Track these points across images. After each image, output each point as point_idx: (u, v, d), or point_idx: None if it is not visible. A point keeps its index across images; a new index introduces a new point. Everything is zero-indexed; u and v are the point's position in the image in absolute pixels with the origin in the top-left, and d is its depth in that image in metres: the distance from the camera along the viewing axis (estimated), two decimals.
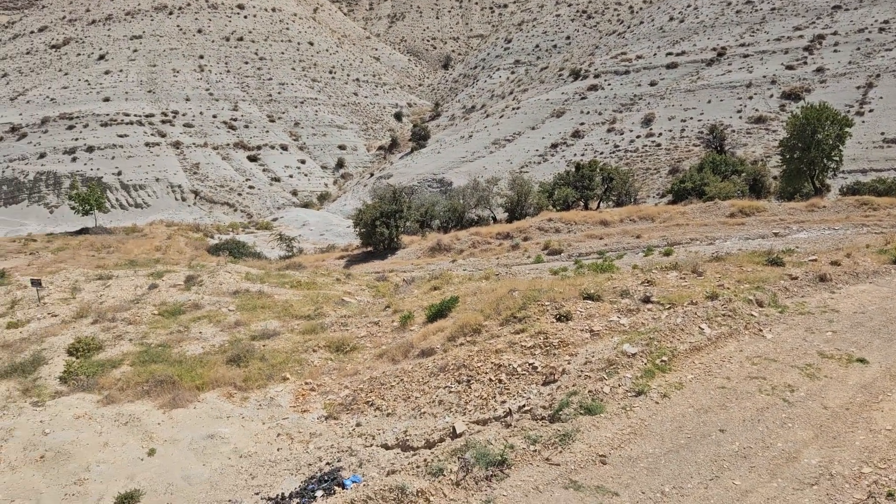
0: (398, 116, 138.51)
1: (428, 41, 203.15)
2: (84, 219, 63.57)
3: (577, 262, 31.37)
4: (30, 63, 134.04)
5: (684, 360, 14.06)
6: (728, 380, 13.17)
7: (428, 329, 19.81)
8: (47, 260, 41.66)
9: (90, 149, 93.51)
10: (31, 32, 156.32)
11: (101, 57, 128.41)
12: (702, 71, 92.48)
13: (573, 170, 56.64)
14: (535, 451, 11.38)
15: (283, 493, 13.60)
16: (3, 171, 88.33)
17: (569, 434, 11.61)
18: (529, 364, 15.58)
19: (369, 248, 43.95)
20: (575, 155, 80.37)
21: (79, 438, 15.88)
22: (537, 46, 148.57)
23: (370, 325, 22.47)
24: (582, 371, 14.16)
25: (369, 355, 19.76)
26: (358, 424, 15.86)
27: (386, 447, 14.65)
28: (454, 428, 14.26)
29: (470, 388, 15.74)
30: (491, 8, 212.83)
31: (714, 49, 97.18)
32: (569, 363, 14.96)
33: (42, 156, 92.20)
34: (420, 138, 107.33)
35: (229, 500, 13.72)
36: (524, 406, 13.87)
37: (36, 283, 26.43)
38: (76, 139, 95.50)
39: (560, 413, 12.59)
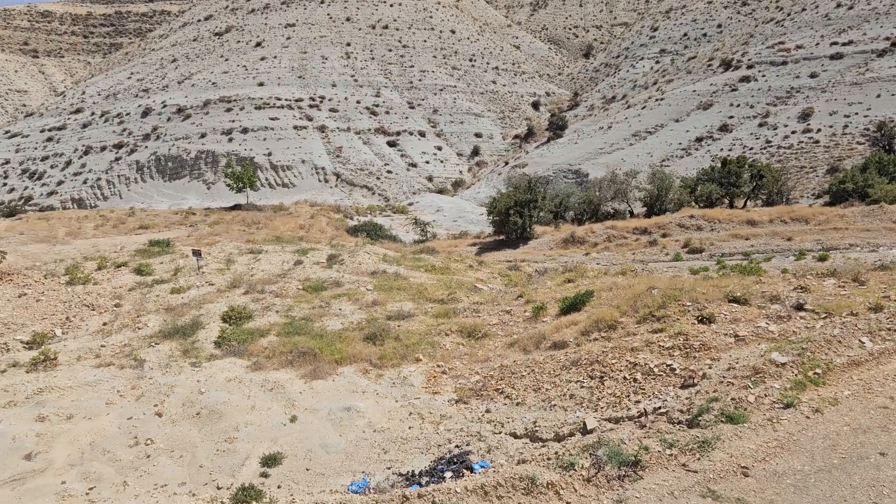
0: (535, 105, 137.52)
1: (570, 29, 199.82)
2: (237, 196, 68.06)
3: (719, 262, 29.91)
4: (196, 49, 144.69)
5: (840, 375, 13.08)
6: (892, 399, 12.12)
7: (561, 321, 19.63)
8: (204, 232, 44.97)
9: (245, 130, 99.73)
10: (198, 21, 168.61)
11: (258, 44, 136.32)
12: (871, 62, 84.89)
13: (719, 165, 53.88)
14: (671, 455, 11.03)
15: (413, 471, 13.99)
16: (170, 149, 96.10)
17: (708, 441, 11.15)
18: (667, 365, 15.08)
19: (501, 237, 44.07)
20: (721, 150, 76.38)
21: (230, 400, 17.10)
22: (685, 35, 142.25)
23: (502, 313, 22.58)
24: (724, 377, 13.53)
25: (500, 343, 19.87)
26: (487, 411, 16.02)
27: (514, 436, 14.71)
28: (585, 423, 14.08)
29: (603, 384, 15.47)
30: None
31: (887, 38, 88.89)
32: (710, 368, 14.34)
33: (203, 136, 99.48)
34: (557, 128, 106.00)
35: (363, 472, 14.30)
36: (660, 408, 13.45)
37: (196, 254, 28.65)
38: (233, 121, 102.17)
39: (699, 419, 12.11)
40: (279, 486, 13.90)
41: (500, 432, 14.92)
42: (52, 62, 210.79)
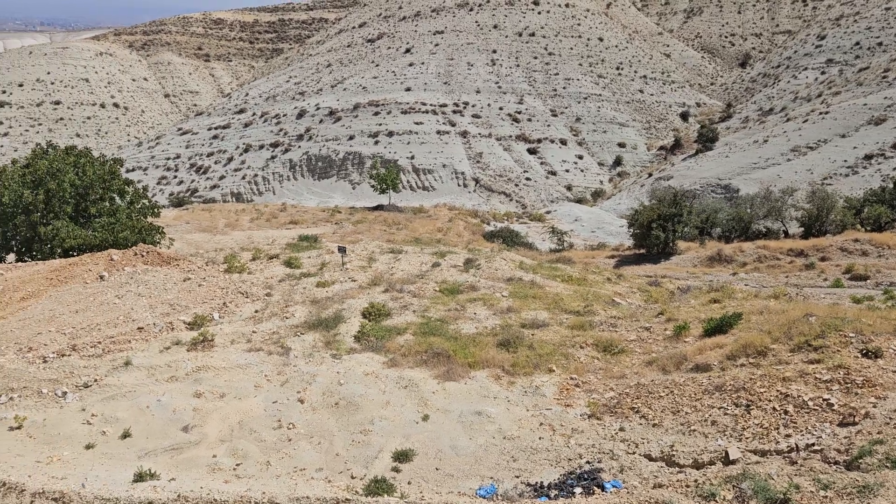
0: (684, 116, 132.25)
1: (725, 37, 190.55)
2: (380, 196, 70.50)
3: (886, 292, 27.35)
4: (349, 55, 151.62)
5: None
6: None
7: (704, 343, 18.72)
8: (348, 230, 46.98)
9: (390, 133, 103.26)
10: (353, 28, 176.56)
11: (408, 50, 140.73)
12: None
13: (891, 186, 49.32)
14: (825, 497, 10.19)
15: (542, 482, 13.83)
16: (320, 150, 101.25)
17: (870, 487, 10.19)
18: (823, 399, 13.96)
19: (641, 251, 42.73)
20: (894, 169, 69.93)
21: (366, 393, 17.69)
22: (857, 44, 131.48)
23: (641, 329, 21.86)
24: (891, 418, 12.34)
25: (638, 360, 19.24)
26: (621, 429, 15.55)
27: (649, 458, 14.18)
28: (727, 453, 13.35)
29: (749, 413, 14.57)
30: (804, 1, 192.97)
31: None
32: (874, 407, 13.13)
33: (351, 138, 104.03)
34: (706, 140, 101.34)
35: (491, 478, 14.32)
36: (813, 445, 12.49)
37: (341, 250, 29.94)
38: (380, 124, 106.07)
39: (860, 461, 11.12)
40: (409, 483, 14.20)
41: (633, 452, 14.44)
42: (221, 66, 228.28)
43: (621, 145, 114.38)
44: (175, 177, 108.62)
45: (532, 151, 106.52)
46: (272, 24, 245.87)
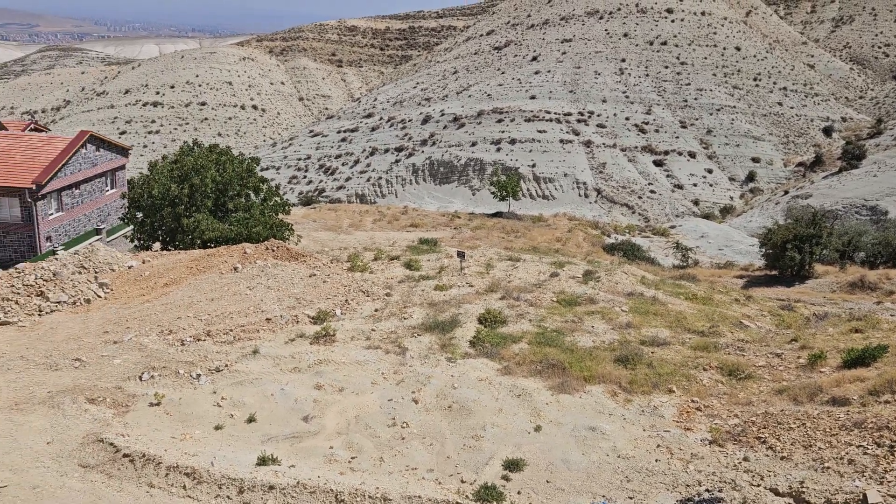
0: (827, 131, 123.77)
1: (878, 48, 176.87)
2: (499, 203, 70.61)
3: None
4: (476, 62, 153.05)
5: None
6: None
7: (843, 375, 17.40)
8: (467, 235, 47.33)
9: (513, 141, 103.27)
10: (480, 35, 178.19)
11: (534, 58, 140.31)
12: None
13: None
14: None
15: None
16: (443, 155, 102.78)
17: None
18: None
19: (773, 272, 40.29)
20: None
21: (479, 399, 17.72)
22: None
23: (770, 355, 20.61)
24: None
25: (766, 388, 18.16)
26: (745, 458, 14.72)
27: (776, 492, 13.34)
28: (865, 496, 12.34)
29: (892, 455, 13.41)
30: None
31: None
32: None
33: (473, 144, 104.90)
34: (852, 157, 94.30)
35: (603, 496, 13.95)
36: None
37: (460, 255, 30.22)
38: (502, 132, 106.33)
39: None
40: (519, 492, 14.09)
41: (758, 485, 13.62)
42: (353, 71, 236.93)
43: (755, 160, 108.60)
44: (305, 176, 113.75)
45: (658, 163, 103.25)
46: (402, 31, 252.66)
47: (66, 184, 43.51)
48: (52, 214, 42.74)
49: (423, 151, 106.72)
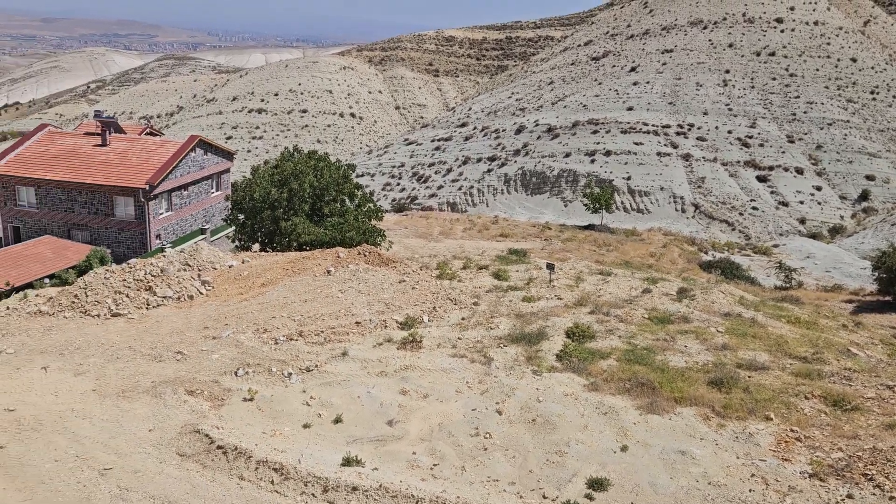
0: None
1: None
2: (591, 216, 69.48)
3: None
4: (572, 73, 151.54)
5: None
6: None
7: None
8: (557, 247, 46.79)
9: (607, 153, 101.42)
10: (578, 46, 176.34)
11: (633, 69, 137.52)
12: None
13: None
14: None
15: None
16: (535, 165, 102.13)
17: None
18: None
19: (887, 298, 37.72)
20: None
21: (564, 414, 17.43)
22: None
23: (881, 387, 19.28)
24: None
25: (876, 422, 16.99)
26: (849, 496, 13.82)
27: None
28: None
29: None
30: None
31: None
32: None
33: (567, 155, 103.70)
34: None
35: None
36: None
37: (550, 267, 29.91)
38: (597, 143, 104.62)
39: None
40: None
41: None
42: (449, 80, 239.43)
43: (869, 178, 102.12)
44: (398, 184, 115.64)
45: (762, 179, 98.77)
46: (499, 41, 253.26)
47: (176, 185, 45.97)
48: (162, 214, 45.25)
49: (515, 161, 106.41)
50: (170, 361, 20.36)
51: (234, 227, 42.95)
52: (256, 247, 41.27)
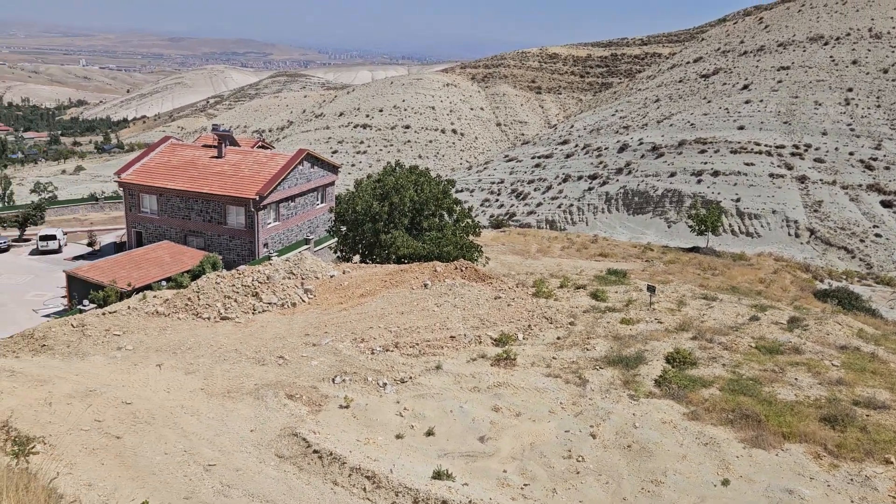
0: None
1: None
2: (696, 238, 67.03)
3: None
4: (679, 90, 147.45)
5: None
6: None
7: None
8: (659, 269, 45.40)
9: (715, 173, 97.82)
10: (686, 63, 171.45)
11: (745, 87, 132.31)
12: None
13: None
14: None
15: None
16: (638, 185, 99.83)
17: None
18: None
19: None
20: None
21: (661, 442, 16.83)
22: None
23: None
24: None
25: None
26: None
27: None
28: None
29: None
30: None
31: None
32: None
33: (672, 175, 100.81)
34: None
35: None
36: None
37: (650, 289, 29.05)
38: (704, 163, 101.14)
39: None
40: None
41: None
42: (551, 98, 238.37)
43: None
44: (497, 200, 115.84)
45: (887, 204, 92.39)
46: (604, 58, 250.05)
47: (284, 196, 47.91)
48: (269, 223, 47.24)
49: (617, 180, 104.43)
50: (272, 365, 21.13)
51: (336, 238, 44.24)
52: (357, 258, 42.33)
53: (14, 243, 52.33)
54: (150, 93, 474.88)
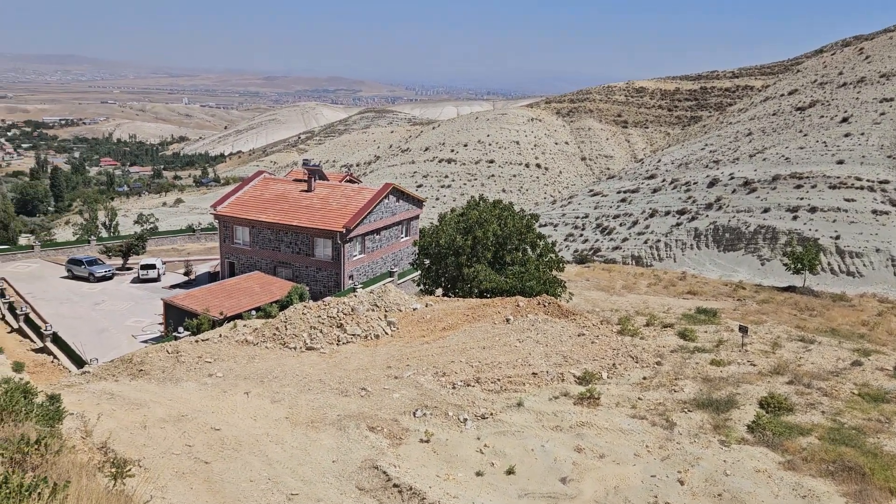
0: None
1: None
2: (792, 277, 64.02)
3: None
4: (773, 123, 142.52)
5: None
6: None
7: None
8: (751, 309, 43.53)
9: (812, 209, 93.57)
10: (781, 95, 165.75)
11: (844, 119, 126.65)
12: None
13: None
14: None
15: None
16: (729, 221, 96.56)
17: None
18: None
19: None
20: None
21: (755, 492, 15.98)
22: None
23: None
24: None
25: None
26: None
27: None
28: None
29: None
30: None
31: None
32: None
33: (765, 210, 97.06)
34: None
35: None
36: None
37: (743, 330, 27.87)
38: (801, 198, 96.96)
39: None
40: None
41: None
42: (637, 132, 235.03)
43: None
44: (581, 235, 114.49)
45: None
46: (692, 91, 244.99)
47: (370, 229, 48.95)
48: (355, 256, 48.29)
49: (707, 216, 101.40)
50: (354, 397, 21.41)
51: (419, 272, 44.71)
52: (439, 291, 42.59)
53: (118, 271, 55.52)
54: (245, 129, 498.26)
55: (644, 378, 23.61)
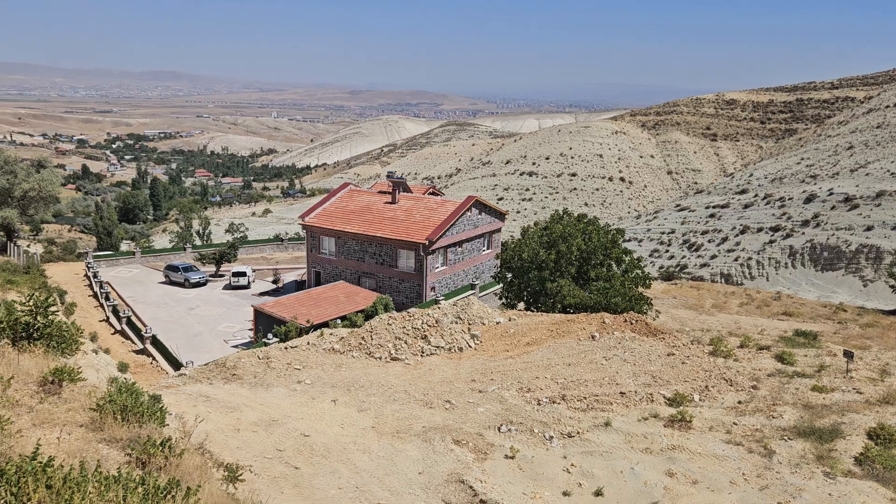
0: None
1: None
2: None
3: None
4: (877, 136, 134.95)
5: None
6: None
7: None
8: (854, 333, 41.14)
9: None
10: (886, 107, 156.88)
11: None
12: None
13: None
14: None
15: None
16: (827, 239, 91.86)
17: None
18: None
19: None
20: None
21: None
22: None
23: None
24: None
25: None
26: None
27: None
28: None
29: None
30: None
31: None
32: None
33: (868, 228, 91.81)
34: None
35: None
36: None
37: (848, 355, 26.29)
38: None
39: None
40: None
41: None
42: (728, 145, 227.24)
43: None
44: (667, 251, 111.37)
45: None
46: (787, 104, 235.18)
47: (452, 242, 49.11)
48: (437, 268, 48.53)
49: (803, 233, 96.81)
50: (439, 409, 21.38)
51: (501, 285, 44.46)
52: (521, 305, 42.20)
53: (211, 278, 57.79)
54: (330, 142, 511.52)
55: (739, 402, 22.58)
